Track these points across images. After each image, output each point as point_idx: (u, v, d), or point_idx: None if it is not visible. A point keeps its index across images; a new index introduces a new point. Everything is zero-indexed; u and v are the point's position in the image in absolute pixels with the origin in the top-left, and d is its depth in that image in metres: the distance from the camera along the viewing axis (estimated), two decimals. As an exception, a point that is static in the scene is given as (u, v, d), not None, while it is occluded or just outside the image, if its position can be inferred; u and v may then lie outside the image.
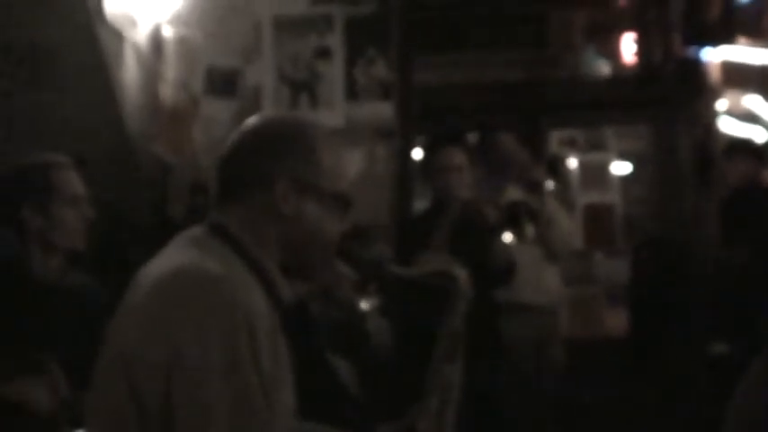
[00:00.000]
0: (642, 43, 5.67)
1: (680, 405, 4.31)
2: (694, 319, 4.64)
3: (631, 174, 7.69)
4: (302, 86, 4.36)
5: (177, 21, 4.32)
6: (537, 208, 3.71)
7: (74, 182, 2.35)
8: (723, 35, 5.04)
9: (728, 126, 5.90)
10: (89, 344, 1.55)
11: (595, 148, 7.52)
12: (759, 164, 4.49)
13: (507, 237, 3.44)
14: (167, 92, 4.33)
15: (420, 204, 4.50)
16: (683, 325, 4.68)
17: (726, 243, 4.46)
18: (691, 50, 5.11)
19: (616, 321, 5.92)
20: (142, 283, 1.38)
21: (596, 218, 7.31)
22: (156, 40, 4.28)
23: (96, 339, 1.43)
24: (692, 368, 4.53)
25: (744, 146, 4.72)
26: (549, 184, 3.95)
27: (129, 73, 3.97)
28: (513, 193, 3.87)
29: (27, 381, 2.04)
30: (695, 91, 5.16)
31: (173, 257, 1.39)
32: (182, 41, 4.33)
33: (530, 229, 3.60)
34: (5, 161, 2.39)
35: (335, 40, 4.37)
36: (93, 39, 3.59)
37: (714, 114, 5.39)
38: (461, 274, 1.66)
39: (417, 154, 4.80)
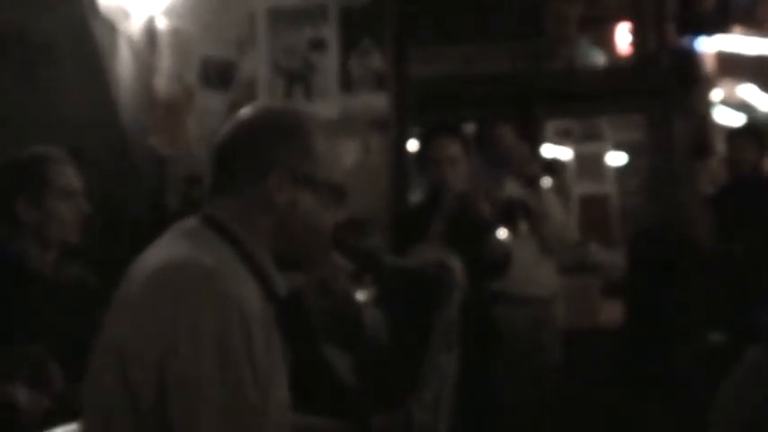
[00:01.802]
0: (637, 33, 5.66)
1: (677, 395, 4.32)
2: (691, 308, 4.64)
3: (627, 164, 7.69)
4: (297, 78, 4.35)
5: (171, 12, 4.31)
6: (532, 204, 3.71)
7: (68, 175, 2.34)
8: (718, 25, 5.03)
9: (724, 116, 5.90)
10: (84, 336, 1.54)
11: (591, 139, 7.52)
12: (762, 150, 4.48)
13: (502, 233, 3.44)
14: (162, 84, 4.31)
15: (415, 196, 4.49)
16: (681, 315, 4.69)
17: (723, 232, 4.46)
18: (685, 40, 5.10)
19: (612, 312, 5.93)
20: (135, 275, 1.37)
21: (592, 209, 7.31)
22: (150, 31, 4.26)
23: (91, 332, 1.43)
24: (690, 358, 4.54)
25: (748, 131, 4.70)
26: (547, 181, 3.95)
27: (124, 65, 3.95)
28: (511, 188, 3.86)
29: (13, 382, 2.04)
30: (690, 81, 5.16)
31: (166, 250, 1.38)
32: (176, 33, 4.31)
33: (524, 226, 3.60)
34: (0, 154, 2.39)
35: (330, 32, 4.35)
36: (86, 31, 3.58)
37: (709, 104, 5.39)
38: (456, 264, 1.66)
39: (413, 145, 4.79)
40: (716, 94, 5.52)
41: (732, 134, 4.73)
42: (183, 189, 4.22)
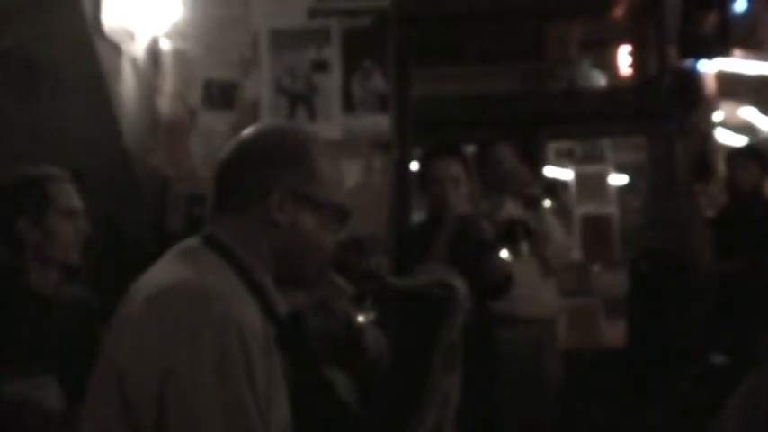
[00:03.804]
0: (638, 55, 5.70)
1: (678, 417, 4.30)
2: (693, 330, 4.63)
3: (628, 185, 7.71)
4: (299, 99, 4.37)
5: (175, 34, 4.33)
6: (533, 225, 3.71)
7: (70, 195, 2.35)
8: (718, 47, 5.05)
9: (725, 137, 5.91)
10: (84, 356, 1.54)
11: (592, 160, 7.53)
12: (763, 172, 4.49)
13: (503, 253, 3.44)
14: (165, 104, 4.33)
15: (417, 216, 4.50)
16: (682, 336, 4.68)
17: (724, 253, 4.46)
18: (686, 62, 5.13)
19: (614, 333, 5.92)
20: (136, 296, 1.37)
21: (594, 229, 7.31)
22: (154, 53, 4.28)
23: (92, 352, 1.43)
24: (691, 380, 4.52)
25: (748, 152, 4.72)
26: (548, 202, 3.95)
27: (127, 86, 3.97)
28: (511, 209, 3.86)
29: (24, 384, 2.05)
30: (691, 102, 5.18)
31: (166, 271, 1.38)
32: (179, 54, 4.33)
33: (525, 246, 3.60)
34: (2, 174, 2.39)
35: (333, 53, 4.37)
36: (91, 52, 3.59)
37: (710, 126, 5.41)
38: (460, 285, 1.66)
39: (415, 166, 4.80)
40: (717, 116, 5.54)
41: (732, 155, 4.75)
42: (185, 209, 4.22)
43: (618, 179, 7.69)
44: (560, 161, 7.40)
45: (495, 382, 3.36)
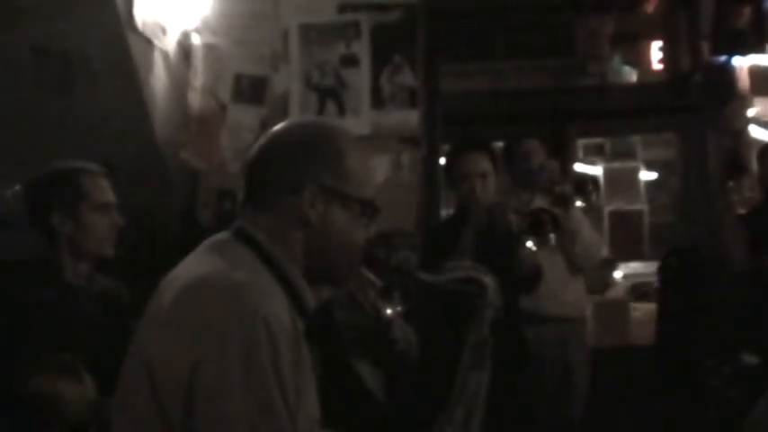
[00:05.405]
0: (670, 51, 5.64)
1: (708, 416, 4.26)
2: (724, 329, 4.58)
3: (659, 182, 7.64)
4: (329, 94, 4.37)
5: (205, 28, 4.35)
6: (561, 216, 3.67)
7: (103, 188, 2.38)
8: (753, 42, 4.98)
9: (758, 133, 5.83)
10: (116, 348, 1.56)
11: (622, 156, 7.47)
12: None
13: (529, 243, 3.41)
14: (195, 99, 4.35)
15: (446, 212, 4.49)
16: (713, 335, 4.63)
17: (755, 251, 4.41)
18: (719, 57, 5.07)
19: (643, 331, 5.87)
20: (166, 290, 1.38)
21: (623, 226, 7.25)
22: (185, 47, 4.31)
23: (123, 344, 1.45)
24: (722, 379, 4.48)
25: None
26: (577, 199, 3.91)
27: (159, 80, 4.00)
28: (540, 206, 3.83)
29: (59, 376, 2.07)
30: (724, 98, 5.11)
31: (197, 265, 1.39)
32: (210, 49, 4.35)
33: (552, 237, 3.55)
34: (36, 168, 2.43)
35: (362, 48, 4.37)
36: (123, 47, 3.62)
37: (743, 121, 5.34)
38: (490, 282, 1.66)
39: (443, 161, 4.78)
40: (750, 112, 5.47)
41: (764, 151, 4.68)
42: (216, 203, 4.25)
43: (648, 176, 7.63)
44: (590, 157, 7.35)
45: (525, 379, 3.35)
